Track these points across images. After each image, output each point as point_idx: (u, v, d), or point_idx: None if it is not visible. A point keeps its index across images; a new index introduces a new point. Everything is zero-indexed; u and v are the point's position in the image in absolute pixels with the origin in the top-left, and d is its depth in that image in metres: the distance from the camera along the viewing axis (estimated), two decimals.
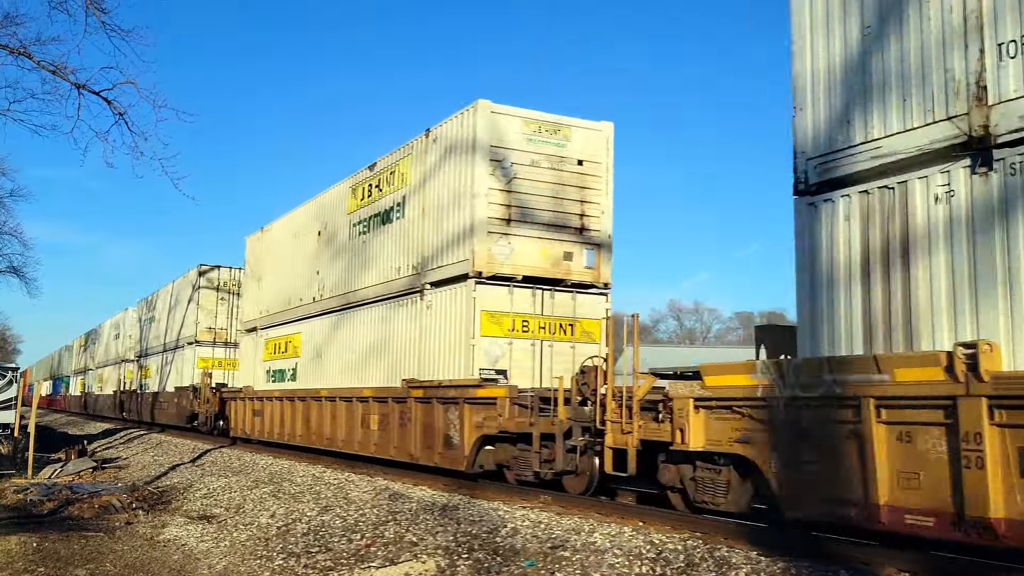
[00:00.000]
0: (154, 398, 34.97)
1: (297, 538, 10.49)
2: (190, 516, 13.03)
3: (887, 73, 7.52)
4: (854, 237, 7.69)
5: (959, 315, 6.78)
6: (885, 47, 7.57)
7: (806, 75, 8.28)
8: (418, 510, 10.90)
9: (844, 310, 7.69)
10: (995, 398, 6.15)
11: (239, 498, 14.10)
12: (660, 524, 8.99)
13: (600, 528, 8.88)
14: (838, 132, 7.92)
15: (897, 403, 6.82)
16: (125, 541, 11.27)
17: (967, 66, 6.88)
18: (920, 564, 6.74)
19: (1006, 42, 6.66)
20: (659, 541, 8.07)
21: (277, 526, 11.39)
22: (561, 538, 8.62)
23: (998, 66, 6.70)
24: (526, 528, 9.24)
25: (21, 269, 41.50)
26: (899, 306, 7.22)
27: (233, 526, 11.88)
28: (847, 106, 7.87)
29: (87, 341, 56.21)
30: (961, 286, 6.78)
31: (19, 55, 14.34)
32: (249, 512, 12.76)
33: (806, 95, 8.27)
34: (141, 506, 13.90)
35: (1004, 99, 6.61)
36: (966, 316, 6.73)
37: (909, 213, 7.23)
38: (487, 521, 9.78)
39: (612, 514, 9.74)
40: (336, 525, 10.81)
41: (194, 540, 11.19)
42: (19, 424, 22.05)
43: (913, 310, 7.11)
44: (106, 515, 13.07)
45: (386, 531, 10.06)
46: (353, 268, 18.01)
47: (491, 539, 9.00)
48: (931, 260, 7.00)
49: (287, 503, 12.86)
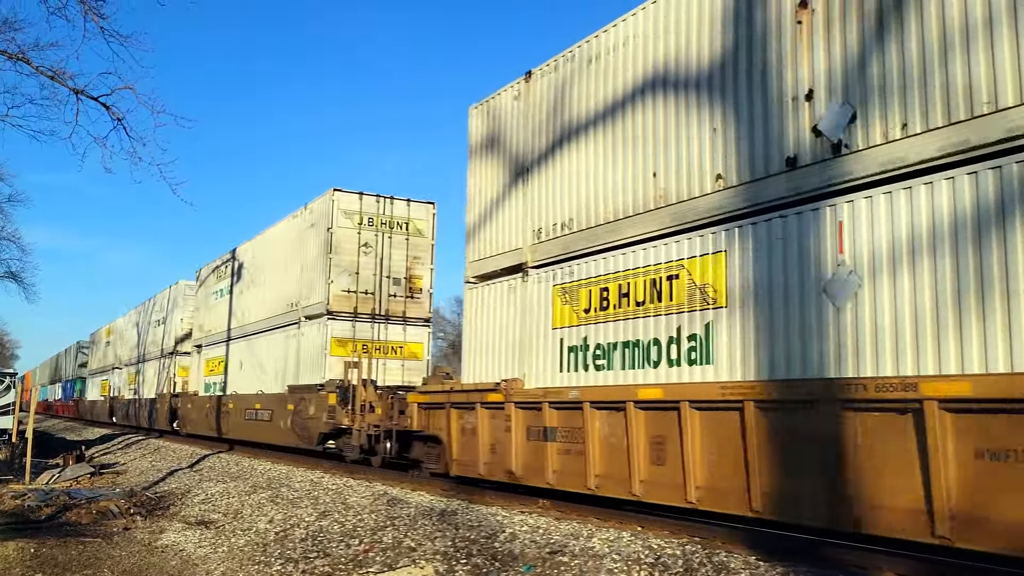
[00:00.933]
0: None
1: (295, 543, 10.48)
2: (188, 522, 13.01)
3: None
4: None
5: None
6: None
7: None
8: (416, 515, 10.89)
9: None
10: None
11: (237, 503, 14.08)
12: (658, 529, 9.00)
13: (598, 533, 8.88)
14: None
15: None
16: (123, 547, 11.25)
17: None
18: (917, 568, 6.75)
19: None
20: (657, 546, 8.07)
21: (275, 531, 11.38)
22: (559, 543, 8.61)
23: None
24: (524, 533, 9.23)
25: (19, 274, 41.49)
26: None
27: (231, 532, 11.86)
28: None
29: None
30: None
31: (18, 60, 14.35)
32: (247, 517, 12.75)
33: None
34: (139, 511, 13.88)
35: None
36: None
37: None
38: (485, 526, 9.77)
39: (610, 519, 9.74)
40: (334, 530, 10.80)
41: (192, 546, 11.18)
42: (17, 429, 22.04)
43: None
44: (104, 521, 13.05)
45: (384, 536, 10.06)
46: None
47: (489, 544, 9.00)
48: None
49: (285, 508, 12.85)
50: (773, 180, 8.26)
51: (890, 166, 7.21)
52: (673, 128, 9.62)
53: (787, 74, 8.25)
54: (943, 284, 6.74)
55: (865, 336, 7.25)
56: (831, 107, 7.81)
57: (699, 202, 9.09)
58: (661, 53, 9.90)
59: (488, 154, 13.39)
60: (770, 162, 8.35)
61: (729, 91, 8.96)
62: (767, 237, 8.26)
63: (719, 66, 9.07)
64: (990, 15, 6.67)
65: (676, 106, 9.62)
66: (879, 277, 7.23)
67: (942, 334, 6.69)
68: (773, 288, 8.13)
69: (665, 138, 9.72)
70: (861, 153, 7.48)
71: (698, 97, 9.33)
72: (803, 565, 7.01)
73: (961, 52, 6.86)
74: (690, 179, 9.30)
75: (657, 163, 9.80)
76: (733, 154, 8.78)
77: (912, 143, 7.09)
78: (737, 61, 8.85)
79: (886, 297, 7.14)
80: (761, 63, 8.54)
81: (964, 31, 6.85)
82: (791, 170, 8.09)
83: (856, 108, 7.59)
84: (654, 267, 9.65)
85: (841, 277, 7.50)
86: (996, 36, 6.62)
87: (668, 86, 9.77)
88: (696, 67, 9.37)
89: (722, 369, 8.59)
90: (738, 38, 8.85)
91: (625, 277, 10.07)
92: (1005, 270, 6.36)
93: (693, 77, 9.40)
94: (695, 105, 9.36)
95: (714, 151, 9.02)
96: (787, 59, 8.26)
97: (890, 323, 7.07)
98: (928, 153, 6.95)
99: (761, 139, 8.48)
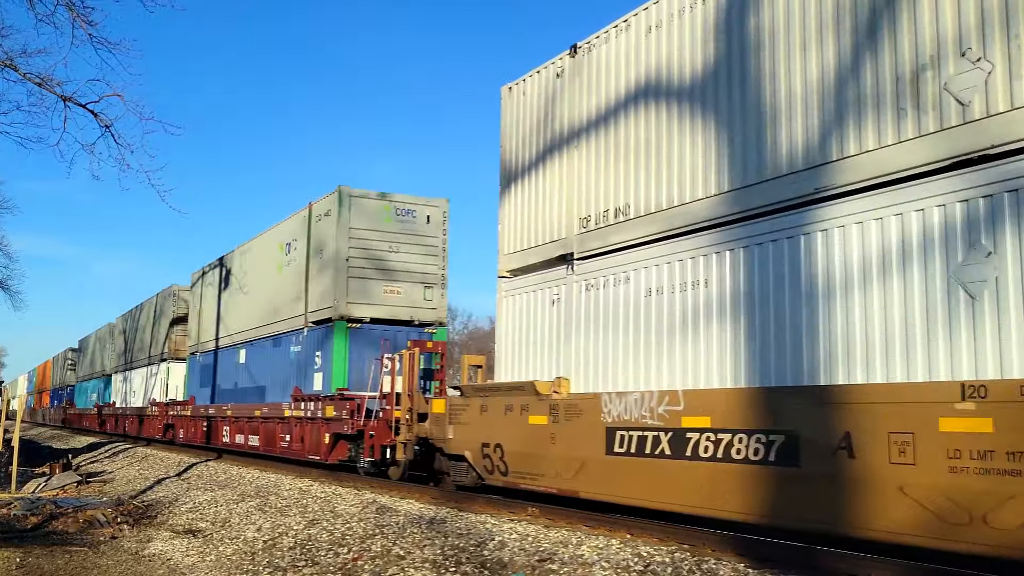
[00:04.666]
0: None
1: (283, 552, 10.42)
2: (175, 530, 12.93)
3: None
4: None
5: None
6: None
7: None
8: (405, 523, 10.85)
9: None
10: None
11: (225, 512, 14.00)
12: (648, 536, 8.99)
13: (588, 541, 8.86)
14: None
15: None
16: (110, 556, 11.17)
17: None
18: (910, 574, 6.76)
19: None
20: (647, 553, 8.06)
21: (263, 540, 11.32)
22: (549, 551, 8.60)
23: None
24: (513, 541, 9.21)
25: (6, 282, 41.07)
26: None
27: (219, 540, 11.79)
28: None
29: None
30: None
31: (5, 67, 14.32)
32: (235, 526, 12.67)
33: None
34: (126, 520, 13.78)
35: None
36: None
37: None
38: (475, 534, 9.74)
39: (600, 526, 9.73)
40: (323, 539, 10.75)
41: (179, 554, 11.11)
42: (3, 438, 21.86)
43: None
44: (91, 529, 12.95)
45: (373, 545, 10.01)
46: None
47: (479, 552, 8.97)
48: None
49: (273, 517, 12.78)
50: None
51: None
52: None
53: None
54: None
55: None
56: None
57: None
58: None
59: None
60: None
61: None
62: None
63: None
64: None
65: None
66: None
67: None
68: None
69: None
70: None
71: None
72: (792, 571, 7.01)
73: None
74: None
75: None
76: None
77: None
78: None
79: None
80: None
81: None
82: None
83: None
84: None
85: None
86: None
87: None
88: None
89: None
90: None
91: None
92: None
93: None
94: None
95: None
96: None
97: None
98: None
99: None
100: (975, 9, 6.86)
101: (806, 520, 7.64)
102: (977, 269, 6.68)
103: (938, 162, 7.01)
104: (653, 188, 10.07)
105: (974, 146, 6.77)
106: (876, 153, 7.49)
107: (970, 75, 6.86)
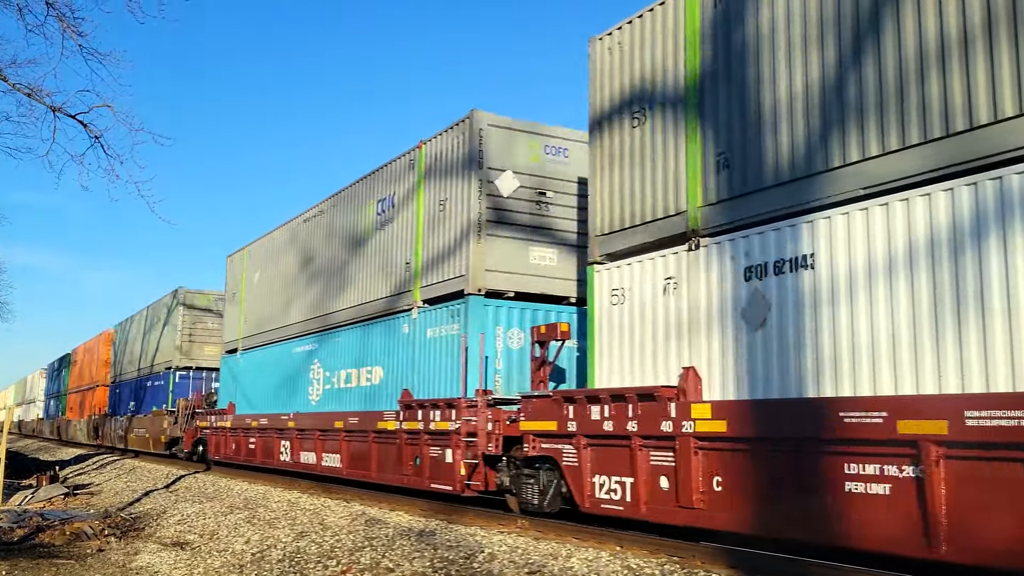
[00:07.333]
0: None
1: (272, 564, 10.37)
2: (163, 543, 12.85)
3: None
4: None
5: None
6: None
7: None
8: (395, 535, 10.82)
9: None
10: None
11: (213, 524, 13.93)
12: (637, 548, 8.97)
13: (577, 553, 8.85)
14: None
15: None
16: (97, 568, 11.09)
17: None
18: None
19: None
20: (636, 566, 8.05)
21: (252, 552, 11.26)
22: (538, 563, 8.58)
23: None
24: (503, 553, 9.19)
25: None
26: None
27: (207, 553, 11.72)
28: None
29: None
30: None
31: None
32: (223, 538, 12.60)
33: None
34: (114, 533, 13.70)
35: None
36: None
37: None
38: (464, 546, 9.72)
39: (589, 539, 9.71)
40: (312, 551, 10.70)
41: (167, 567, 11.04)
42: None
43: None
44: (78, 542, 12.87)
45: (362, 557, 9.97)
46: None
47: (468, 565, 8.94)
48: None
49: (262, 529, 12.72)
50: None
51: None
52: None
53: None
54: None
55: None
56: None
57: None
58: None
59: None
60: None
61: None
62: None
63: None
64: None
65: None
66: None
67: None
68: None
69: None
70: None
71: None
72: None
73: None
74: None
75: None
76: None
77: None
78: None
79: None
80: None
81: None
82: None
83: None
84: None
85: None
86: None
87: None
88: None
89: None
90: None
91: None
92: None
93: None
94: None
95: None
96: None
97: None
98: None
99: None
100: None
101: None
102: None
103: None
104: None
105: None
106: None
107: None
